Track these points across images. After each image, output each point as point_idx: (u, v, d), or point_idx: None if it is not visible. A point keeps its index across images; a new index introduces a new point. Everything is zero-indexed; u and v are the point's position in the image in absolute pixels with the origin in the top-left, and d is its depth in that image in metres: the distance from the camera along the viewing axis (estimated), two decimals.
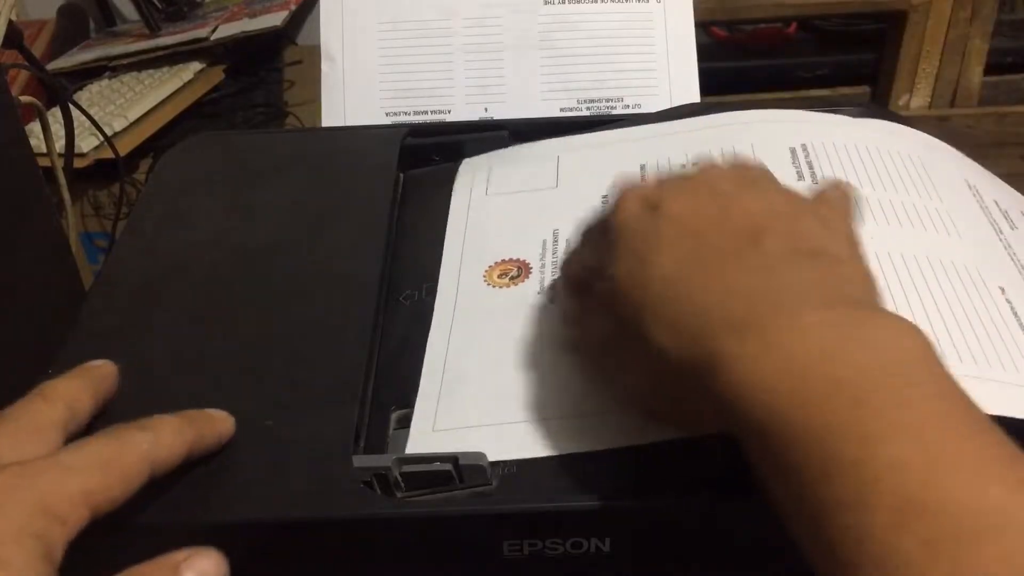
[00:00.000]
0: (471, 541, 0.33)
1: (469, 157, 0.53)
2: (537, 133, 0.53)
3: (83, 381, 0.35)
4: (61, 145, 0.75)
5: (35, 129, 0.74)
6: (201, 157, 0.54)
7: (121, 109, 0.94)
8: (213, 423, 0.34)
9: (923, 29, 0.89)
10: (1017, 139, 0.92)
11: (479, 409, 0.36)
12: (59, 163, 0.70)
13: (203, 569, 0.28)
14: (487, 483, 0.33)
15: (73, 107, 0.76)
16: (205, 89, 1.02)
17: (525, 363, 0.38)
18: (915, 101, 0.94)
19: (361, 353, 0.39)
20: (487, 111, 0.60)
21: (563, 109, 0.59)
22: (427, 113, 0.60)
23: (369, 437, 0.36)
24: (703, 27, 0.97)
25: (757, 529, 0.26)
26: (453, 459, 0.33)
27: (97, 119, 0.82)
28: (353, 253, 0.44)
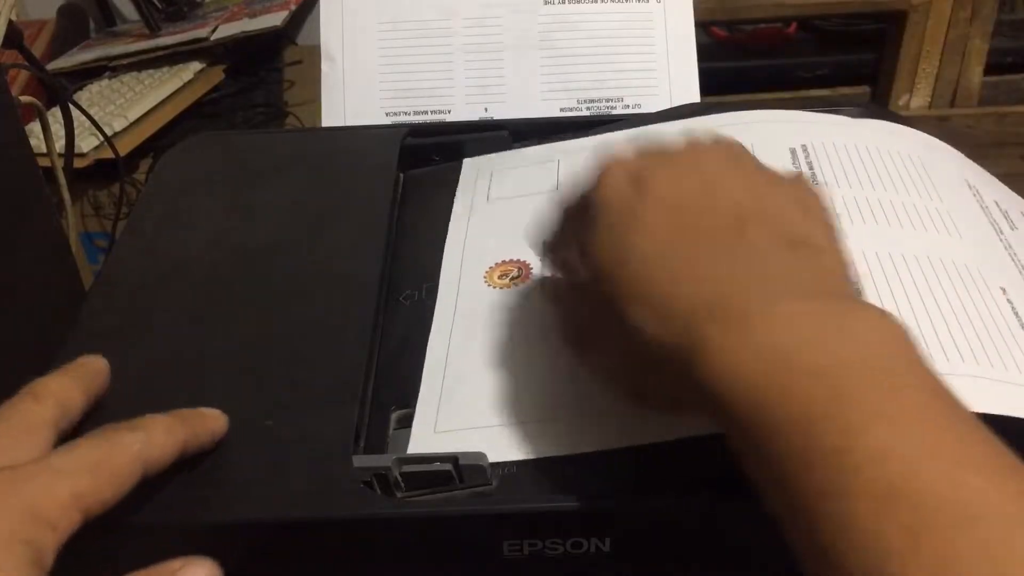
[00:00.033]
0: (471, 541, 0.33)
1: (469, 157, 0.53)
2: (537, 133, 0.53)
3: (74, 377, 0.35)
4: (61, 145, 0.75)
5: (35, 129, 0.74)
6: (201, 157, 0.54)
7: (121, 109, 0.94)
8: (206, 421, 0.34)
9: (923, 29, 0.89)
10: (1017, 139, 0.92)
11: (480, 410, 0.36)
12: (59, 163, 0.70)
13: None
14: (487, 483, 0.33)
15: (73, 107, 0.76)
16: (205, 89, 1.02)
17: (526, 364, 0.38)
18: (915, 101, 0.94)
19: (361, 353, 0.39)
20: (487, 111, 0.60)
21: (563, 109, 0.59)
22: (427, 113, 0.60)
23: (369, 437, 0.36)
24: (703, 27, 0.97)
25: (757, 529, 0.26)
26: (453, 459, 0.33)
27: (97, 119, 0.82)
28: (353, 253, 0.44)
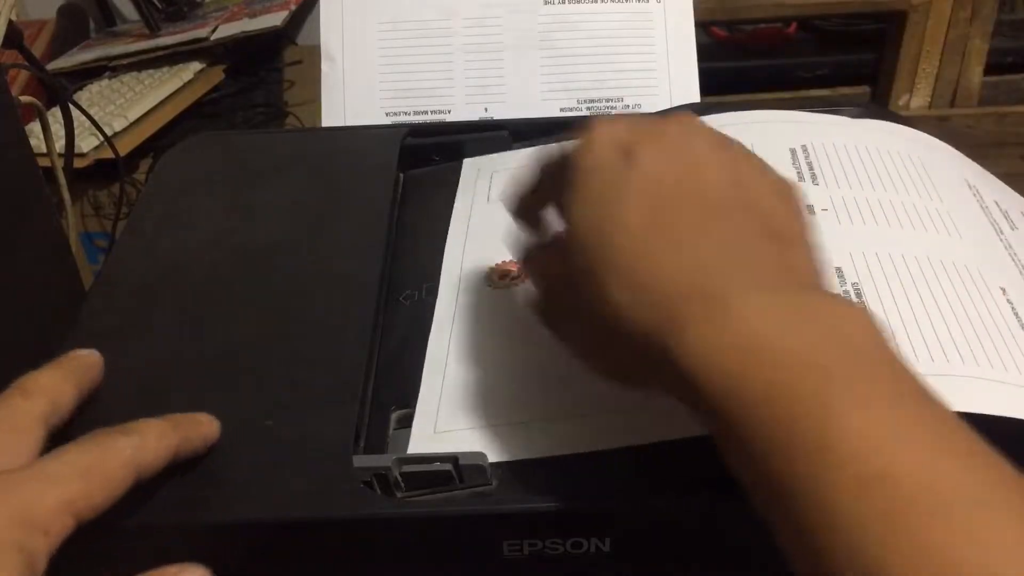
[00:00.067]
0: (471, 541, 0.33)
1: (469, 157, 0.53)
2: (537, 133, 0.53)
3: (66, 372, 0.35)
4: (61, 145, 0.75)
5: (35, 129, 0.74)
6: (201, 157, 0.54)
7: (121, 109, 0.94)
8: (199, 426, 0.34)
9: (923, 29, 0.89)
10: (1017, 139, 0.92)
11: (480, 410, 0.36)
12: (59, 163, 0.70)
13: None
14: (487, 483, 0.33)
15: (73, 107, 0.76)
16: (205, 89, 1.02)
17: (525, 364, 0.38)
18: (915, 101, 0.94)
19: (361, 353, 0.39)
20: (487, 111, 0.60)
21: (563, 109, 0.59)
22: (427, 113, 0.60)
23: (369, 437, 0.36)
24: (703, 27, 0.97)
25: (757, 529, 0.26)
26: (453, 459, 0.33)
27: (97, 119, 0.82)
28: (353, 253, 0.44)
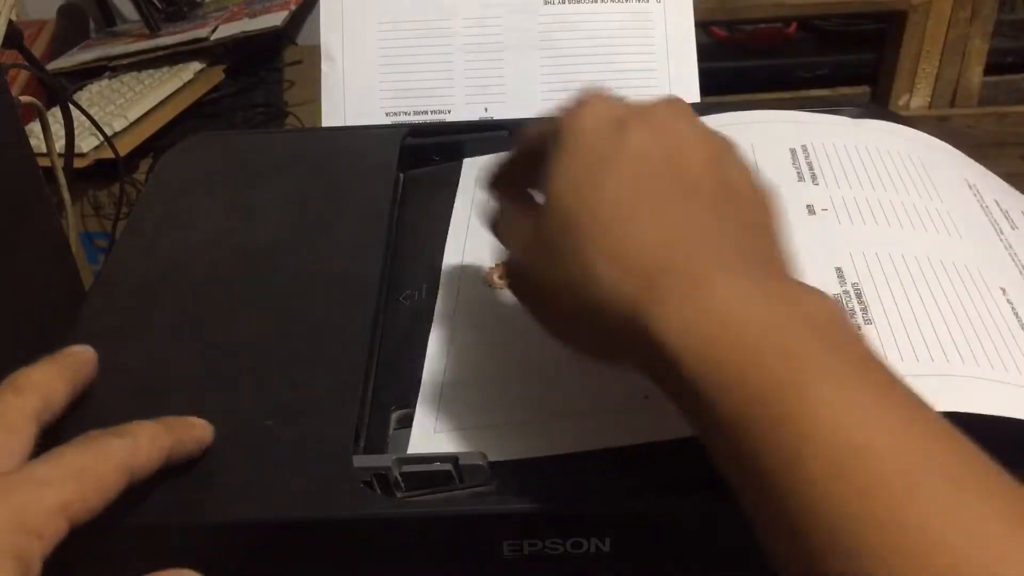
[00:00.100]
0: (471, 541, 0.33)
1: (469, 157, 0.53)
2: None
3: (59, 367, 0.35)
4: (61, 145, 0.75)
5: (35, 129, 0.74)
6: (201, 157, 0.54)
7: (121, 109, 0.94)
8: (192, 429, 0.34)
9: (923, 29, 0.90)
10: (1017, 139, 0.92)
11: (480, 410, 0.36)
12: (59, 163, 0.70)
13: None
14: (487, 483, 0.33)
15: (73, 107, 0.76)
16: (205, 89, 1.02)
17: (525, 364, 0.38)
18: (915, 101, 0.94)
19: (361, 353, 0.39)
20: (487, 111, 0.60)
21: None
22: (427, 113, 0.60)
23: (369, 437, 0.36)
24: (703, 27, 0.97)
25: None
26: (453, 459, 0.33)
27: (97, 119, 0.82)
28: (353, 253, 0.44)
